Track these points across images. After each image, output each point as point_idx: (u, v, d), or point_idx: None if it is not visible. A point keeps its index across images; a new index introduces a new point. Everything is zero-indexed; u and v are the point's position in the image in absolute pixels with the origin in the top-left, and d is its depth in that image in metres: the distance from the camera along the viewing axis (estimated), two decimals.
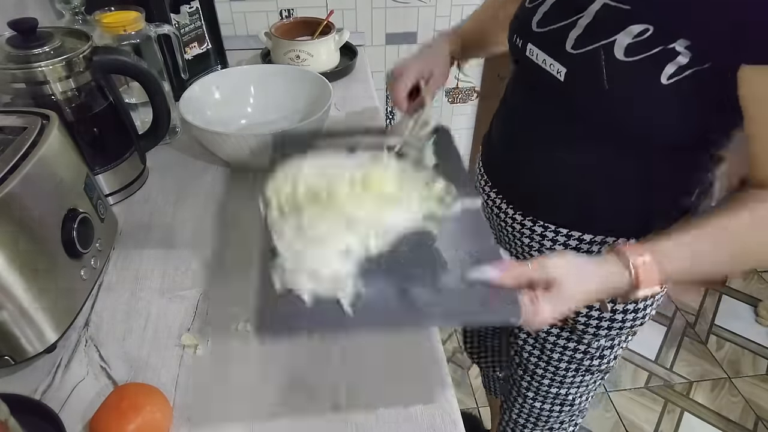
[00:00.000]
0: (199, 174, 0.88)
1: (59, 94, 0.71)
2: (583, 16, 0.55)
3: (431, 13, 1.39)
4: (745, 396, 1.60)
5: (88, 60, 0.72)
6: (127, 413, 0.49)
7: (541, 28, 0.59)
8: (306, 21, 1.21)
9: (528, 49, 0.61)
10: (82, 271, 0.62)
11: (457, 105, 1.59)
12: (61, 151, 0.62)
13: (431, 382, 0.57)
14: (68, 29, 0.76)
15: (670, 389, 1.64)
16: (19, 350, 0.55)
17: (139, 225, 0.78)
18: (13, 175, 0.53)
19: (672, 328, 1.83)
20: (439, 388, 0.56)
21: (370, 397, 0.55)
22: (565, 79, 0.56)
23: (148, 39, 0.88)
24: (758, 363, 1.70)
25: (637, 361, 1.72)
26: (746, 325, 1.83)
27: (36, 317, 0.55)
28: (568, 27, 0.56)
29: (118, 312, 0.65)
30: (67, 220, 0.59)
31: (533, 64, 0.60)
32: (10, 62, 0.67)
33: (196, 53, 1.11)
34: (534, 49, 0.60)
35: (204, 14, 1.10)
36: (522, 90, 0.68)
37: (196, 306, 0.65)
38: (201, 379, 0.57)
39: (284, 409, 0.54)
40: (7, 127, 0.60)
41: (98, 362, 0.59)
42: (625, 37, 0.51)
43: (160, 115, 0.83)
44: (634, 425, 1.54)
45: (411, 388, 0.56)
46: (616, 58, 0.51)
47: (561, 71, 0.56)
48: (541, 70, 0.59)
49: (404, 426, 0.53)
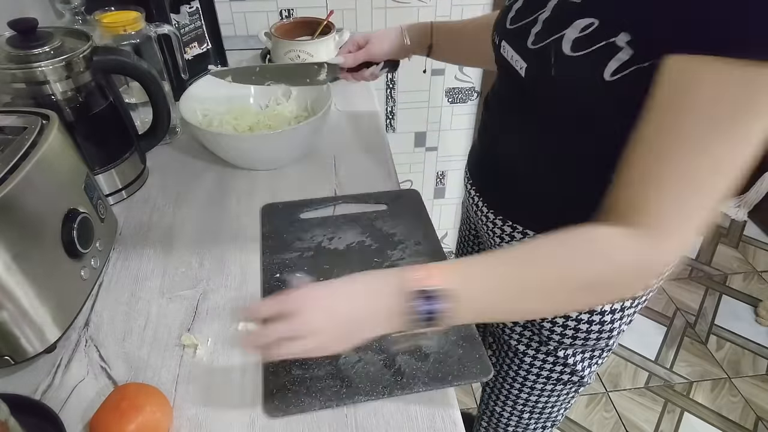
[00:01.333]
0: (199, 174, 0.88)
1: (59, 94, 0.71)
2: (543, 11, 0.54)
3: (431, 13, 1.39)
4: (745, 396, 1.60)
5: (88, 60, 0.72)
6: (127, 413, 0.49)
7: (513, 24, 0.59)
8: (306, 21, 1.21)
9: (502, 47, 0.61)
10: (82, 271, 0.62)
11: (457, 105, 1.59)
12: (61, 151, 0.62)
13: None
14: (68, 29, 0.76)
15: (670, 389, 1.64)
16: (19, 350, 0.55)
17: (139, 225, 0.78)
18: (13, 175, 0.53)
19: (672, 328, 1.83)
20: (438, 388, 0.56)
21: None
22: (525, 75, 0.56)
23: (148, 39, 0.88)
24: (758, 363, 1.70)
25: (637, 361, 1.72)
26: (746, 325, 1.83)
27: (36, 317, 0.55)
28: (531, 23, 0.56)
29: (118, 312, 0.65)
30: (67, 220, 0.59)
31: (506, 61, 0.60)
32: (10, 62, 0.67)
33: (196, 53, 1.11)
34: (506, 46, 0.60)
35: (204, 14, 1.10)
36: (499, 87, 0.69)
37: (196, 306, 0.65)
38: (201, 379, 0.57)
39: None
40: (7, 127, 0.60)
41: (98, 362, 0.59)
42: (572, 32, 0.50)
43: (160, 115, 0.83)
44: (634, 425, 1.54)
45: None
46: (564, 53, 0.50)
47: (522, 67, 0.56)
48: (510, 67, 0.59)
49: (404, 426, 0.53)
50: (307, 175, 0.87)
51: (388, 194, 0.82)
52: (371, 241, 0.73)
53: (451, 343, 0.59)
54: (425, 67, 1.48)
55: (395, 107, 1.57)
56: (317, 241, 0.73)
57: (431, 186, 1.79)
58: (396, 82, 1.51)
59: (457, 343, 0.59)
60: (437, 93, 1.55)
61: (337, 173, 0.87)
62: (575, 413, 1.58)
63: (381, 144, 0.94)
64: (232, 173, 0.88)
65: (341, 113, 1.04)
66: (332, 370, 0.56)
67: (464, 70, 1.51)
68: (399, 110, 1.57)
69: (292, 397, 0.54)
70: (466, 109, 1.60)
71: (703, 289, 1.97)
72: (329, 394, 0.54)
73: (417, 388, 0.55)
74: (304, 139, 0.87)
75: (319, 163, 0.90)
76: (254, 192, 0.83)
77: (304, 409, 0.53)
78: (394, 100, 1.55)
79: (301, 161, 0.90)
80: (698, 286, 1.98)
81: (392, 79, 1.50)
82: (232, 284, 0.68)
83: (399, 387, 0.55)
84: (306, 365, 0.57)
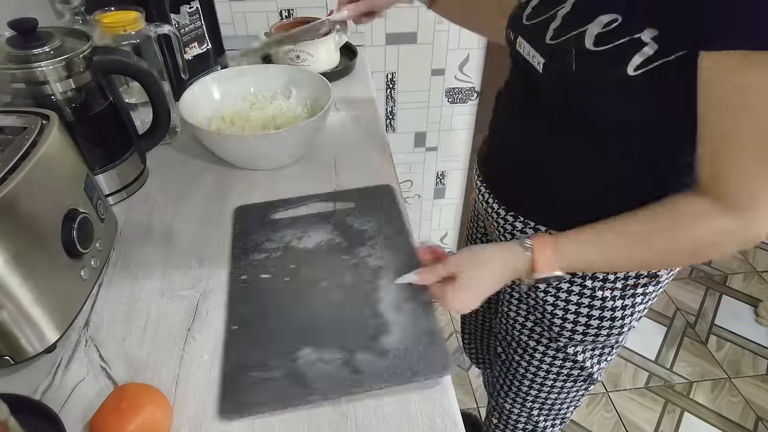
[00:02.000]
0: (199, 174, 0.88)
1: (59, 94, 0.71)
2: (563, 6, 0.54)
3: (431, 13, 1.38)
4: (745, 396, 1.60)
5: (88, 60, 0.72)
6: (127, 413, 0.49)
7: (530, 20, 0.59)
8: (306, 21, 1.21)
9: (518, 43, 0.61)
10: (82, 271, 0.62)
11: (457, 105, 1.59)
12: (61, 151, 0.62)
13: (431, 382, 0.57)
14: (68, 29, 0.76)
15: (670, 389, 1.64)
16: (19, 350, 0.55)
17: (139, 225, 0.78)
18: (13, 175, 0.53)
19: (672, 328, 1.83)
20: (438, 388, 0.56)
21: (370, 397, 0.55)
22: (543, 71, 0.56)
23: (148, 39, 0.88)
24: (758, 363, 1.70)
25: (637, 361, 1.72)
26: (746, 325, 1.83)
27: (36, 317, 0.55)
28: (550, 19, 0.56)
29: (118, 312, 0.65)
30: (67, 220, 0.59)
31: (521, 57, 0.60)
32: (10, 62, 0.67)
33: (196, 53, 1.11)
34: (522, 41, 0.60)
35: (204, 14, 1.10)
36: (512, 84, 0.69)
37: (196, 306, 0.65)
38: (201, 379, 0.57)
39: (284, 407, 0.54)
40: (7, 127, 0.60)
41: (98, 362, 0.59)
42: (595, 27, 0.50)
43: (160, 115, 0.83)
44: (634, 425, 1.54)
45: (411, 388, 0.56)
46: (586, 48, 0.51)
47: (540, 63, 0.56)
48: (527, 63, 0.59)
49: (404, 426, 0.53)
50: (307, 175, 0.87)
51: (360, 191, 0.81)
52: (341, 239, 0.73)
53: (412, 339, 0.59)
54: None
55: (395, 107, 1.57)
56: (286, 240, 0.73)
57: (431, 186, 1.79)
58: (396, 82, 1.51)
59: (417, 338, 0.59)
60: (437, 93, 1.55)
61: (337, 173, 0.87)
62: (575, 413, 1.58)
63: (381, 144, 0.94)
64: (232, 173, 0.88)
65: (341, 113, 1.04)
66: (290, 370, 0.56)
67: (464, 70, 1.51)
68: (399, 110, 1.57)
69: (247, 398, 0.54)
70: (466, 109, 1.60)
71: (703, 289, 1.97)
72: (286, 394, 0.54)
73: (376, 385, 0.54)
74: (304, 139, 0.87)
75: (319, 163, 0.90)
76: (254, 192, 0.83)
77: (259, 410, 0.53)
78: (394, 100, 1.55)
79: (301, 161, 0.90)
80: (698, 286, 1.98)
81: (392, 79, 1.50)
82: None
83: (357, 385, 0.55)
84: (265, 366, 0.56)
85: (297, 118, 0.92)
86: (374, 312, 0.62)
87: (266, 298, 0.64)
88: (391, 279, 0.65)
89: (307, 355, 0.57)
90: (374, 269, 0.67)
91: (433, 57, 1.47)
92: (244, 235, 0.74)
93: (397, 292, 0.64)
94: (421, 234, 1.94)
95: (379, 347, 0.58)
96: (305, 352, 0.58)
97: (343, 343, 0.59)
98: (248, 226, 0.76)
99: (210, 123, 0.90)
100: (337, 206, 0.79)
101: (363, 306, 0.63)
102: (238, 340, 0.60)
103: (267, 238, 0.73)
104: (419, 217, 1.88)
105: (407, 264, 0.67)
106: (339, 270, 0.67)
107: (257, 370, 0.56)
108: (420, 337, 0.59)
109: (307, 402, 0.54)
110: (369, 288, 0.65)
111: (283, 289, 0.65)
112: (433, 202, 1.85)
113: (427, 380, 0.55)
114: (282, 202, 0.80)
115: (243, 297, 0.65)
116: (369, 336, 0.59)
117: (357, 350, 0.58)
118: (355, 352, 0.57)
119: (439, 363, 0.56)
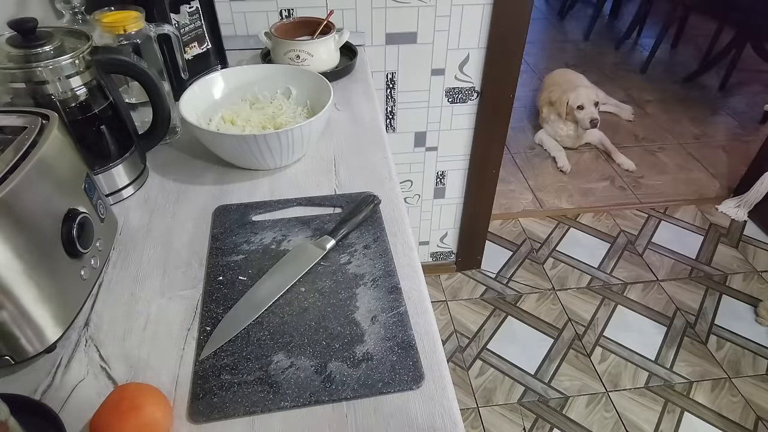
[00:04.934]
0: (199, 174, 0.88)
1: (59, 94, 0.71)
2: None
3: (431, 13, 1.39)
4: (745, 396, 1.60)
5: (88, 60, 0.72)
6: (127, 413, 0.49)
7: None
8: (306, 21, 1.21)
9: None
10: (82, 271, 0.62)
11: (457, 105, 1.59)
12: (61, 151, 0.62)
13: (431, 382, 0.57)
14: (68, 29, 0.76)
15: (670, 389, 1.64)
16: (19, 350, 0.55)
17: (139, 225, 0.78)
18: (13, 175, 0.53)
19: (672, 328, 1.83)
20: (439, 388, 0.56)
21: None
22: None
23: (148, 39, 0.88)
24: (758, 363, 1.70)
25: (637, 361, 1.72)
26: (746, 325, 1.83)
27: (36, 317, 0.55)
28: None
29: (118, 312, 0.65)
30: (67, 220, 0.59)
31: None
32: (10, 62, 0.67)
33: (196, 53, 1.11)
34: None
35: (204, 14, 1.10)
36: None
37: (196, 306, 0.65)
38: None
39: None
40: (7, 127, 0.59)
41: (98, 362, 0.59)
42: None
43: (160, 115, 0.83)
44: (634, 425, 1.54)
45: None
46: None
47: None
48: None
49: (404, 426, 0.53)
50: (307, 175, 0.87)
51: (342, 197, 0.81)
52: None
53: (386, 349, 0.59)
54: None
55: (395, 107, 1.57)
56: (265, 243, 0.72)
57: (431, 186, 1.79)
58: (396, 81, 1.51)
59: (392, 349, 0.59)
60: (437, 93, 1.55)
61: (337, 173, 0.87)
62: (575, 413, 1.58)
63: (381, 144, 0.94)
64: (232, 173, 0.88)
65: (341, 113, 1.04)
66: (262, 375, 0.56)
67: (464, 70, 1.51)
68: (399, 110, 1.58)
69: (217, 402, 0.54)
70: (466, 109, 1.60)
71: (703, 289, 1.97)
72: (255, 399, 0.54)
73: (345, 395, 0.54)
74: (304, 139, 0.87)
75: (319, 163, 0.90)
76: (254, 192, 0.83)
77: (228, 414, 0.53)
78: (394, 100, 1.55)
79: (301, 161, 0.90)
80: (698, 286, 1.98)
81: (392, 79, 1.50)
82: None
83: (327, 393, 0.55)
84: (236, 370, 0.56)
85: (297, 118, 0.92)
86: (349, 320, 0.62)
87: (241, 300, 0.65)
88: (368, 287, 0.65)
89: (280, 360, 0.57)
90: (352, 276, 0.67)
91: (433, 57, 1.47)
92: (223, 235, 0.74)
93: (375, 302, 0.64)
94: (421, 234, 1.94)
95: (352, 356, 0.58)
96: (278, 357, 0.58)
97: (317, 350, 0.59)
98: (228, 226, 0.76)
99: (210, 123, 0.90)
100: (318, 211, 0.79)
101: (339, 314, 0.63)
102: (210, 341, 0.60)
103: (246, 239, 0.73)
104: (419, 217, 1.88)
105: (385, 273, 0.67)
106: (317, 276, 0.67)
107: (228, 374, 0.56)
108: (394, 348, 0.59)
109: (278, 408, 0.54)
110: (346, 296, 0.65)
111: (259, 292, 0.65)
112: (433, 202, 1.85)
113: (397, 392, 0.55)
114: (263, 204, 0.80)
115: (217, 298, 0.65)
116: (343, 344, 0.59)
117: (330, 359, 0.58)
118: (329, 361, 0.57)
119: (411, 376, 0.56)
